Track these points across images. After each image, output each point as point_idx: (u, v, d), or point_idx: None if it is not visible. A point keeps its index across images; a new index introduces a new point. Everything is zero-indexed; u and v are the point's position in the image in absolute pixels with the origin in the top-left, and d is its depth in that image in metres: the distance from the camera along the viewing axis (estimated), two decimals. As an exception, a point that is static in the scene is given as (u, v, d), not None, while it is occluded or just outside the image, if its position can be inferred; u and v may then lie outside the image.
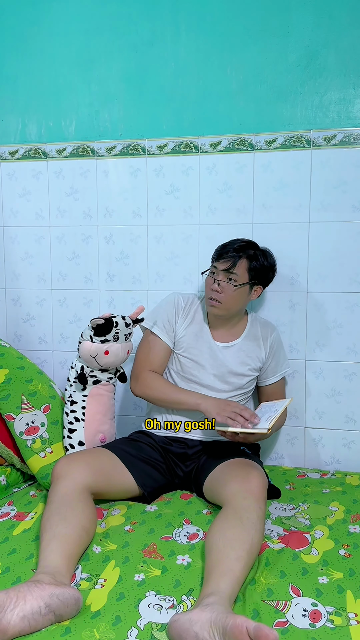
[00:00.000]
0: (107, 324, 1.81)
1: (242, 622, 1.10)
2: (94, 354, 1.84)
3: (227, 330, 1.95)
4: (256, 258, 1.87)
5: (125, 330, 1.86)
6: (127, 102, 2.20)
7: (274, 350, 1.99)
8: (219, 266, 1.85)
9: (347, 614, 1.25)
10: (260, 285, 1.92)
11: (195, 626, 1.13)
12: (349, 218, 2.05)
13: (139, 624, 1.22)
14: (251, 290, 1.90)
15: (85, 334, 1.86)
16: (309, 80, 2.05)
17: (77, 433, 1.88)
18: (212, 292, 1.85)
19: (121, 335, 1.86)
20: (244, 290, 1.87)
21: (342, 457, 2.15)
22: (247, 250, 1.87)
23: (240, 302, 1.88)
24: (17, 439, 1.88)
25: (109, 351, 1.84)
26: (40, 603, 1.19)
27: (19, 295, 2.38)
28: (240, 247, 1.86)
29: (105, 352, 1.84)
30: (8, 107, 2.30)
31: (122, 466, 1.75)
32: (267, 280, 1.94)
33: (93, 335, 1.83)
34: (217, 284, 1.84)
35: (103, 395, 1.92)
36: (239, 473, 1.61)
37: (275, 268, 1.96)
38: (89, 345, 1.84)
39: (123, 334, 1.86)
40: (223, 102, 2.12)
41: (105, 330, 1.82)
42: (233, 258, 1.83)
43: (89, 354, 1.85)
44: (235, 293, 1.85)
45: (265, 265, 1.90)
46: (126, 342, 1.89)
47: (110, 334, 1.82)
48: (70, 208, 2.29)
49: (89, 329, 1.85)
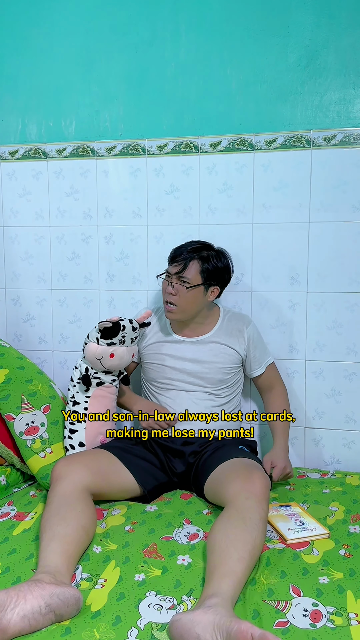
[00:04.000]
0: (114, 328, 1.81)
1: (247, 629, 1.09)
2: (100, 356, 1.84)
3: (192, 330, 1.97)
4: (208, 260, 1.88)
5: (131, 334, 1.87)
6: (127, 102, 2.20)
7: (254, 341, 1.99)
8: (171, 270, 1.88)
9: (348, 614, 1.25)
10: (216, 286, 1.92)
11: (198, 627, 1.12)
12: (349, 218, 2.05)
13: (139, 624, 1.22)
14: (207, 292, 1.90)
15: (92, 336, 1.86)
16: (309, 80, 2.05)
17: (78, 434, 1.88)
18: (167, 296, 1.88)
19: (127, 339, 1.86)
20: (198, 292, 1.87)
21: (342, 457, 2.14)
22: (200, 252, 1.88)
23: (196, 303, 1.89)
24: (17, 439, 1.88)
25: (114, 354, 1.84)
26: (40, 602, 1.19)
27: (19, 295, 2.38)
28: (193, 249, 1.88)
29: (111, 355, 1.84)
30: (8, 107, 2.30)
31: (121, 466, 1.76)
32: (224, 280, 1.94)
33: (100, 338, 1.83)
34: (171, 287, 1.87)
35: (105, 397, 1.92)
36: (241, 473, 1.61)
37: (232, 268, 1.95)
38: (95, 347, 1.84)
39: (129, 338, 1.86)
40: (223, 102, 2.12)
41: (112, 334, 1.82)
42: (184, 261, 1.86)
43: (94, 355, 1.85)
44: (189, 295, 1.86)
45: (219, 266, 1.90)
46: (132, 346, 1.90)
47: (117, 337, 1.83)
48: (70, 208, 2.29)
49: (96, 331, 1.84)
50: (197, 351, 1.95)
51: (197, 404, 1.92)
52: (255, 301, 2.15)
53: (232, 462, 1.71)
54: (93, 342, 1.85)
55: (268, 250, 2.13)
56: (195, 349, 1.95)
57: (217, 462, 1.75)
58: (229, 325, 1.99)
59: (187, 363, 1.94)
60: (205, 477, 1.75)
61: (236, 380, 2.00)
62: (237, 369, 1.99)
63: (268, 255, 2.13)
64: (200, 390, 1.93)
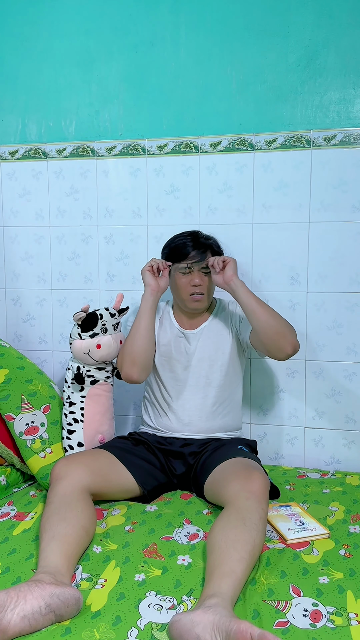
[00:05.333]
0: (91, 317, 1.82)
1: (247, 629, 1.09)
2: (86, 350, 1.85)
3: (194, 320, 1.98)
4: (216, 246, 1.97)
5: (111, 320, 1.88)
6: (127, 102, 2.20)
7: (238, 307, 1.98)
8: (194, 267, 1.90)
9: (348, 614, 1.25)
10: None
11: (197, 627, 1.12)
12: (349, 218, 2.05)
13: (139, 624, 1.22)
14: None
15: (74, 333, 1.87)
16: (309, 80, 2.05)
17: (76, 434, 1.88)
18: (194, 288, 1.89)
19: (109, 327, 1.87)
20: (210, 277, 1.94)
21: (342, 457, 2.14)
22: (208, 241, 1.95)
23: (213, 287, 1.97)
24: (17, 439, 1.88)
25: (100, 344, 1.85)
26: (40, 603, 1.19)
27: (19, 295, 2.38)
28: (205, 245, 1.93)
29: (97, 346, 1.85)
30: (8, 107, 2.30)
31: (121, 466, 1.76)
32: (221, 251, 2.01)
33: (81, 333, 1.84)
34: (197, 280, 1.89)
35: (101, 395, 1.92)
36: (241, 473, 1.61)
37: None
38: (80, 342, 1.85)
39: (110, 325, 1.87)
40: (223, 102, 2.12)
41: (91, 324, 1.83)
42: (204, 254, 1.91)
43: (81, 351, 1.85)
44: (209, 281, 1.93)
45: (220, 249, 1.99)
46: (116, 333, 1.91)
47: (97, 327, 1.83)
48: (70, 208, 2.29)
49: (75, 326, 1.85)
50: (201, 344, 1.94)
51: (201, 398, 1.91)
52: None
53: (231, 462, 1.71)
54: (76, 338, 1.86)
55: (268, 250, 2.13)
56: (198, 341, 1.94)
57: (217, 462, 1.74)
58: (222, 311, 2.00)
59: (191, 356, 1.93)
60: (205, 477, 1.75)
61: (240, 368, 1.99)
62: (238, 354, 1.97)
63: (268, 255, 2.13)
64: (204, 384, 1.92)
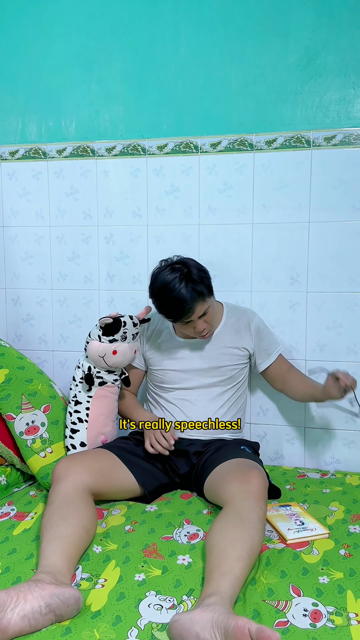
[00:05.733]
0: (115, 324, 1.82)
1: (244, 624, 1.09)
2: (102, 354, 1.84)
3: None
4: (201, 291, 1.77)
5: (132, 330, 1.87)
6: (127, 102, 2.20)
7: (260, 333, 1.99)
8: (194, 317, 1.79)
9: (348, 613, 1.25)
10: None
11: (197, 626, 1.13)
12: (349, 218, 2.06)
13: (139, 624, 1.22)
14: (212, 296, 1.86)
15: (94, 334, 1.86)
16: (309, 80, 2.05)
17: (80, 434, 1.88)
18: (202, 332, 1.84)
19: (129, 335, 1.86)
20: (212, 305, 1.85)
21: (342, 457, 2.15)
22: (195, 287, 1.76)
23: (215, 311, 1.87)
24: (17, 439, 1.88)
25: (117, 351, 1.84)
26: (40, 602, 1.19)
27: (19, 295, 2.38)
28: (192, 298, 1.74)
29: (114, 352, 1.84)
30: (8, 107, 2.30)
31: (122, 466, 1.76)
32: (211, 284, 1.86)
33: (101, 335, 1.83)
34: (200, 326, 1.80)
35: (107, 397, 1.92)
36: (239, 473, 1.61)
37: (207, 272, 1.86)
38: (97, 344, 1.84)
39: (130, 334, 1.87)
40: (223, 102, 2.12)
41: (114, 330, 1.82)
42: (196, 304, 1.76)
43: (97, 353, 1.85)
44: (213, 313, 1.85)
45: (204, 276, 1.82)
46: (133, 342, 1.90)
47: (119, 333, 1.83)
48: (70, 208, 2.29)
49: (97, 328, 1.85)
50: (202, 352, 1.94)
51: (203, 405, 1.92)
52: (255, 301, 2.15)
53: (231, 462, 1.71)
54: (95, 340, 1.85)
55: (268, 250, 2.13)
56: (200, 350, 1.94)
57: (217, 462, 1.75)
58: (235, 322, 1.98)
59: (193, 365, 1.93)
60: (205, 477, 1.75)
61: (242, 379, 2.00)
62: (244, 366, 1.99)
63: (268, 255, 2.13)
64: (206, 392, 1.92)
